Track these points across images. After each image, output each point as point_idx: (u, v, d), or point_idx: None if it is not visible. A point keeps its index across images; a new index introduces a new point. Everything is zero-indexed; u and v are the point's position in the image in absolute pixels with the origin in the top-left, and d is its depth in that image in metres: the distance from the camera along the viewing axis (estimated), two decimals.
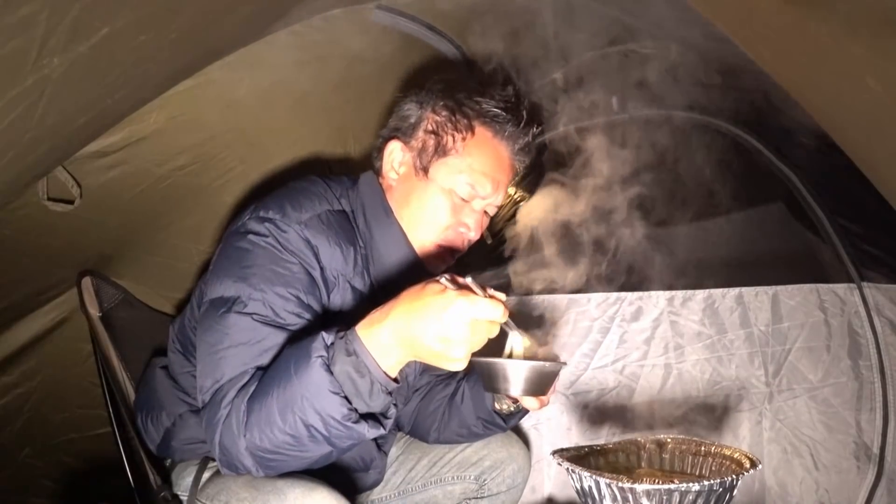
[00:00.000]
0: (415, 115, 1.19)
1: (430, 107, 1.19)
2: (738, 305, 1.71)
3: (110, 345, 1.35)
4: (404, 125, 1.20)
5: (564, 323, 1.81)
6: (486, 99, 1.18)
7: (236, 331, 0.95)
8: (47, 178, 1.10)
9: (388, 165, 1.20)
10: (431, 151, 1.16)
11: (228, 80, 1.25)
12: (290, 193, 1.11)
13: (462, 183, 1.15)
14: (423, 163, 1.16)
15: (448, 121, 1.16)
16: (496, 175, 1.17)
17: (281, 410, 0.84)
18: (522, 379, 0.96)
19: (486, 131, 1.17)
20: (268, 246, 1.02)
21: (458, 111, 1.16)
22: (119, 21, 0.74)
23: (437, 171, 1.15)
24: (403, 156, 1.19)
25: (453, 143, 1.15)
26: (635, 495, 0.88)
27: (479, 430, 1.33)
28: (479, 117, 1.17)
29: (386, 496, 1.38)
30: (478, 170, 1.15)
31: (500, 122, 1.17)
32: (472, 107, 1.17)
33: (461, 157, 1.15)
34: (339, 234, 1.10)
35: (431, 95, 1.20)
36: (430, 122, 1.18)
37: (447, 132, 1.16)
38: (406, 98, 1.22)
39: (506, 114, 1.18)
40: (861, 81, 0.73)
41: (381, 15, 1.43)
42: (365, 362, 0.83)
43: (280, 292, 0.98)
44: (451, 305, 0.80)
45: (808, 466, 1.62)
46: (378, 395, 0.85)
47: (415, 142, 1.18)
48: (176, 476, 1.20)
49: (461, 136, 1.16)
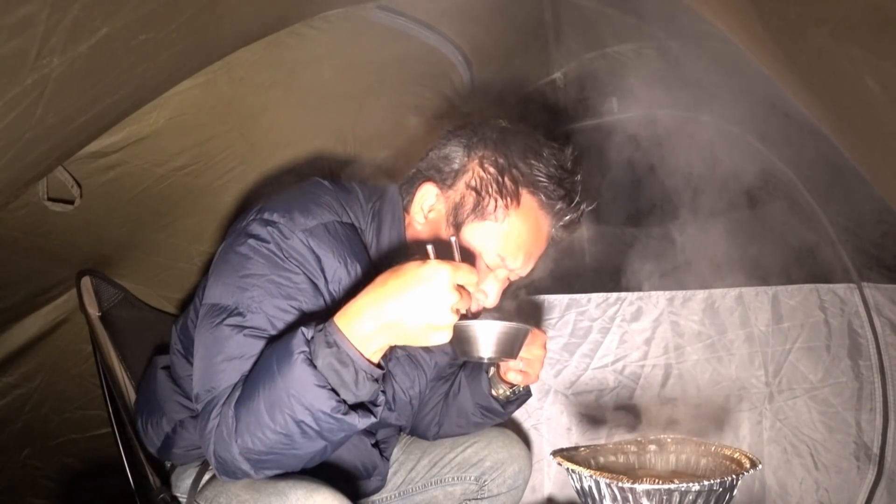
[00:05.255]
0: (458, 161, 1.08)
1: (478, 157, 1.07)
2: (738, 305, 1.71)
3: (110, 345, 1.35)
4: (445, 169, 1.09)
5: (564, 323, 1.81)
6: (541, 165, 1.06)
7: (232, 344, 0.92)
8: (47, 178, 1.09)
9: (417, 206, 1.10)
10: (469, 210, 1.06)
11: (228, 80, 1.25)
12: (298, 197, 1.05)
13: (492, 253, 1.05)
14: (458, 219, 1.06)
15: (494, 181, 1.05)
16: (531, 249, 1.08)
17: (269, 411, 0.83)
18: (490, 339, 0.97)
19: (532, 201, 1.06)
20: (269, 253, 0.96)
21: (507, 173, 1.05)
22: (119, 21, 0.74)
23: (470, 231, 1.06)
24: (437, 203, 1.09)
25: (494, 209, 1.05)
26: (635, 495, 0.88)
27: (478, 418, 1.32)
28: (529, 186, 1.05)
29: (386, 497, 1.38)
30: (513, 243, 1.05)
31: (550, 197, 1.06)
32: (524, 171, 1.05)
33: (499, 224, 1.05)
34: (344, 247, 1.02)
35: (482, 144, 1.08)
36: (474, 176, 1.07)
37: (490, 195, 1.05)
38: (454, 136, 1.11)
39: (560, 188, 1.06)
40: (861, 81, 0.73)
41: (381, 15, 1.43)
42: (347, 352, 0.82)
43: (280, 305, 0.94)
44: (437, 274, 0.81)
45: (808, 466, 1.62)
46: (364, 383, 0.84)
47: (453, 192, 1.08)
48: (175, 478, 1.20)
49: (504, 203, 1.05)
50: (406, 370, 1.23)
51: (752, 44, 1.00)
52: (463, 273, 0.83)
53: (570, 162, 1.10)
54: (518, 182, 1.05)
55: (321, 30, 1.33)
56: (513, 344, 1.00)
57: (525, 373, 1.19)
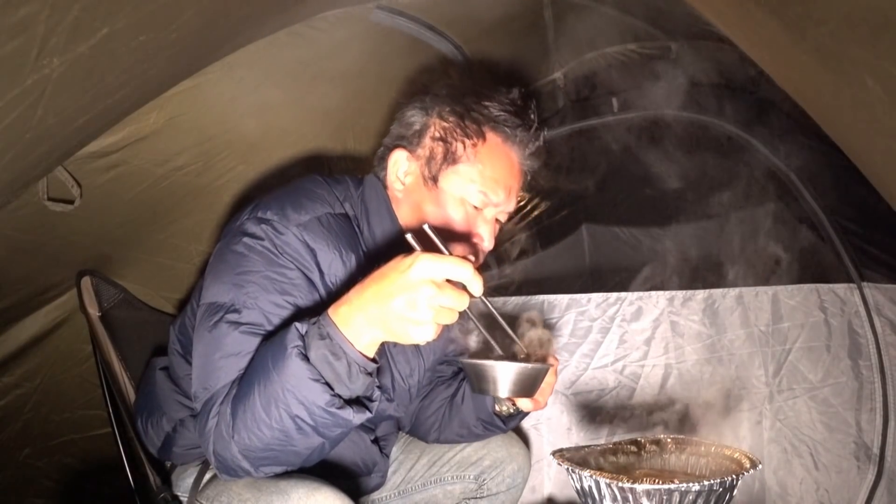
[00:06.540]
0: (420, 121, 1.14)
1: (437, 113, 1.13)
2: (738, 305, 1.71)
3: (110, 345, 1.35)
4: (409, 133, 1.15)
5: (564, 323, 1.81)
6: (494, 103, 1.13)
7: (229, 341, 0.93)
8: (47, 178, 1.10)
9: (392, 175, 1.15)
10: (440, 159, 1.11)
11: (228, 80, 1.25)
12: (291, 193, 1.07)
13: (474, 192, 1.10)
14: (432, 172, 1.11)
15: (457, 127, 1.11)
16: (508, 181, 1.13)
17: (265, 407, 0.83)
18: (509, 380, 0.95)
19: (496, 137, 1.12)
20: (264, 250, 0.98)
21: (467, 117, 1.11)
22: (119, 21, 0.74)
23: (447, 179, 1.11)
24: (409, 165, 1.14)
25: (464, 150, 1.10)
26: (635, 495, 0.88)
27: (478, 430, 1.33)
28: (490, 122, 1.12)
29: (386, 496, 1.38)
30: (490, 177, 1.11)
31: (510, 127, 1.12)
32: (482, 112, 1.12)
33: (472, 164, 1.10)
34: (339, 238, 1.05)
35: (437, 101, 1.14)
36: (437, 129, 1.13)
37: (457, 139, 1.11)
38: (409, 104, 1.17)
39: (516, 118, 1.13)
40: (861, 81, 0.73)
41: (380, 15, 1.43)
42: (340, 344, 0.82)
43: (275, 300, 0.95)
44: (413, 266, 0.78)
45: (808, 466, 1.62)
46: (357, 376, 0.83)
47: (421, 150, 1.13)
48: (176, 477, 1.20)
49: (472, 142, 1.11)
50: (408, 357, 1.22)
51: (753, 43, 1.00)
52: (447, 267, 0.78)
53: (519, 97, 1.16)
54: (479, 122, 1.12)
55: (321, 30, 1.33)
56: (532, 384, 0.99)
57: (535, 400, 1.16)
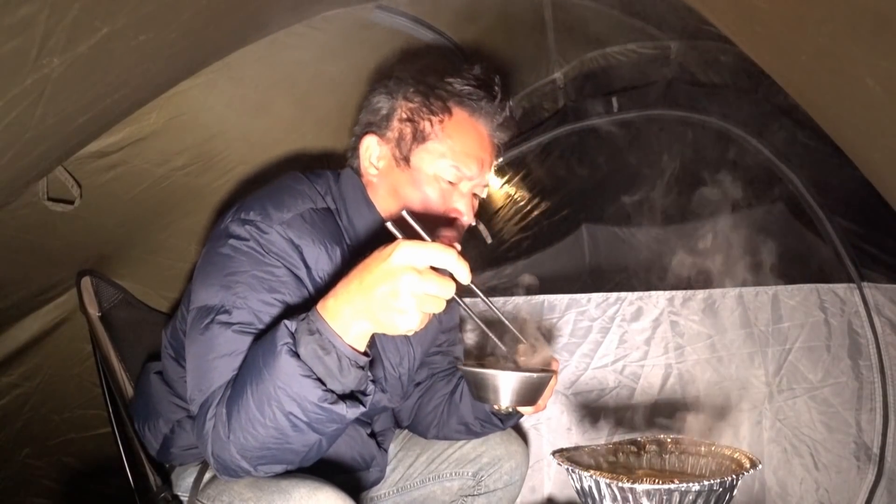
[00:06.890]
0: (386, 105, 1.16)
1: (402, 95, 1.15)
2: (738, 305, 1.71)
3: (110, 345, 1.35)
4: (377, 118, 1.16)
5: (564, 323, 1.81)
6: (457, 79, 1.14)
7: (221, 342, 0.93)
8: (47, 178, 1.10)
9: (366, 162, 1.16)
10: (410, 139, 1.13)
11: (228, 80, 1.25)
12: (271, 192, 1.08)
13: (446, 167, 1.12)
14: (403, 152, 1.13)
15: (422, 106, 1.13)
16: (479, 154, 1.14)
17: (259, 406, 0.83)
18: (510, 390, 0.95)
19: (462, 111, 1.14)
20: (250, 250, 0.99)
21: (431, 95, 1.13)
22: (119, 21, 0.74)
23: (418, 158, 1.12)
24: (380, 149, 1.15)
25: (431, 128, 1.12)
26: (635, 495, 0.88)
27: (476, 428, 1.33)
28: (454, 97, 1.14)
29: (384, 493, 1.38)
30: (460, 151, 1.12)
31: (475, 100, 1.14)
32: (445, 88, 1.14)
33: (441, 140, 1.12)
34: (324, 233, 1.05)
35: (401, 84, 1.16)
36: (403, 111, 1.14)
37: (423, 117, 1.12)
38: (375, 90, 1.18)
39: (480, 91, 1.14)
40: (861, 81, 0.73)
41: (381, 15, 1.43)
42: (329, 338, 0.81)
43: (265, 299, 0.96)
44: (393, 254, 0.77)
45: (808, 466, 1.62)
46: (349, 370, 0.83)
47: (390, 133, 1.15)
48: (176, 477, 1.20)
49: (438, 118, 1.12)
50: (397, 345, 1.22)
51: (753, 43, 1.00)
52: (428, 253, 0.77)
53: (481, 72, 1.18)
54: (443, 98, 1.13)
55: (321, 30, 1.33)
56: (535, 393, 0.99)
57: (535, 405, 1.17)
